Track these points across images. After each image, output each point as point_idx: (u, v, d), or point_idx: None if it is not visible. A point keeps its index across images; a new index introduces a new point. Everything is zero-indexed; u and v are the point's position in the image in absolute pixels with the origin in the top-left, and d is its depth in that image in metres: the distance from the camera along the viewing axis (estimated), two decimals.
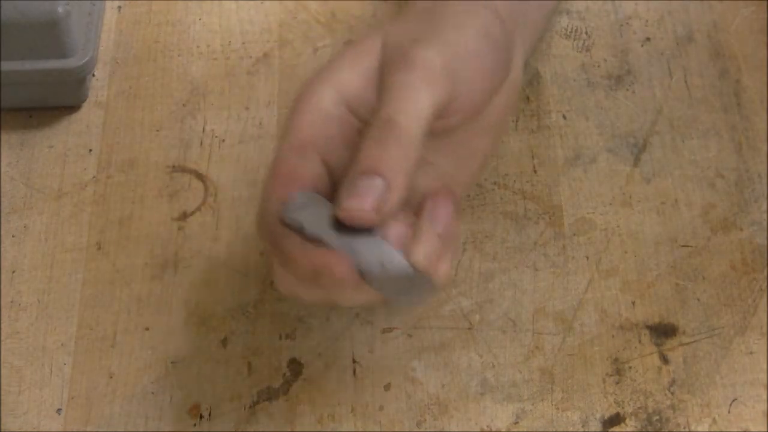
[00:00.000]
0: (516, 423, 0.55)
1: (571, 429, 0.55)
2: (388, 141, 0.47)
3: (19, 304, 0.59)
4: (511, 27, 0.54)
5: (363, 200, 0.47)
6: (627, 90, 0.66)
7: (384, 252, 0.48)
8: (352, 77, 0.50)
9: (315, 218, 0.48)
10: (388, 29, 0.52)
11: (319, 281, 0.48)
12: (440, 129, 0.50)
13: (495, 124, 0.54)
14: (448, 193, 0.51)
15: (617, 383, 0.56)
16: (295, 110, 0.50)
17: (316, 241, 0.48)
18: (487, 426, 0.55)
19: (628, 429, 0.55)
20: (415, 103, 0.48)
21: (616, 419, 0.55)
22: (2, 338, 0.58)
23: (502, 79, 0.53)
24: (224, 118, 0.65)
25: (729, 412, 0.55)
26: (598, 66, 0.67)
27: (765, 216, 0.61)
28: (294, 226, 0.48)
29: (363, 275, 0.47)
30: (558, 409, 0.56)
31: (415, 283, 0.48)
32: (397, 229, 0.48)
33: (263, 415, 0.56)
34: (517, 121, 0.64)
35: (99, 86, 0.66)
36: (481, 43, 0.51)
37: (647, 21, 0.68)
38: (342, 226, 0.48)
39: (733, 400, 0.56)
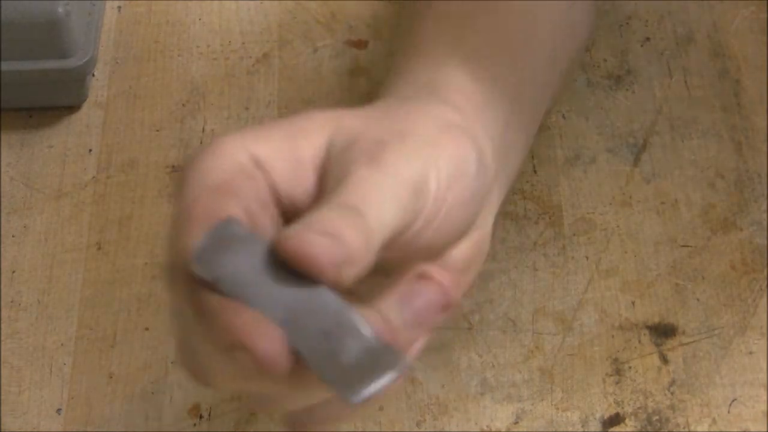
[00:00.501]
0: (516, 423, 0.55)
1: (570, 429, 0.55)
2: (354, 225, 0.38)
3: (19, 304, 0.59)
4: (492, 171, 0.46)
5: (319, 245, 0.37)
6: (627, 90, 0.66)
7: (336, 311, 0.36)
8: (277, 148, 0.41)
9: (239, 266, 0.37)
10: (343, 116, 0.43)
11: (238, 362, 0.36)
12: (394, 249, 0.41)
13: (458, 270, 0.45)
14: (439, 279, 0.39)
15: (617, 383, 0.56)
16: (201, 156, 0.41)
17: (237, 300, 0.36)
18: (487, 426, 0.55)
19: (628, 429, 0.55)
20: (381, 207, 0.39)
21: (616, 419, 0.55)
22: (2, 338, 0.58)
23: (471, 222, 0.44)
24: (224, 118, 0.65)
25: (729, 412, 0.55)
26: (598, 66, 0.67)
27: (765, 216, 0.61)
28: (206, 278, 0.37)
29: (301, 352, 0.35)
30: (558, 409, 0.56)
31: (377, 362, 0.36)
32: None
33: (263, 415, 0.56)
34: None
35: (99, 86, 0.66)
36: (457, 174, 0.43)
37: (647, 21, 0.68)
38: (277, 284, 0.36)
39: (733, 400, 0.56)
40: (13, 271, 0.60)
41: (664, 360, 0.57)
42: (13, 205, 0.62)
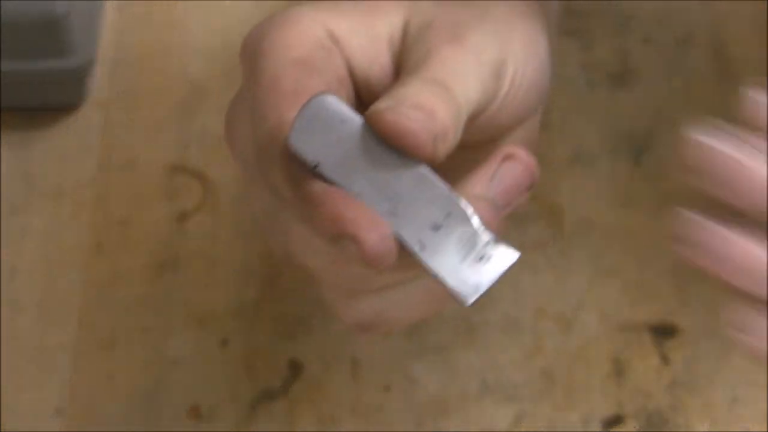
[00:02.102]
0: (516, 423, 0.55)
1: (571, 429, 0.55)
2: (444, 101, 0.37)
3: (19, 304, 0.59)
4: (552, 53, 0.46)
5: (415, 119, 0.36)
6: (627, 90, 0.66)
7: (444, 199, 0.34)
8: (354, 24, 0.41)
9: (338, 147, 0.35)
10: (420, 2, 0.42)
11: (342, 251, 0.35)
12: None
13: None
14: (526, 158, 0.39)
15: (617, 383, 0.56)
16: (279, 29, 0.40)
17: (338, 185, 0.35)
18: (487, 426, 0.55)
19: (628, 429, 0.55)
20: (466, 85, 0.39)
21: (616, 419, 0.55)
22: (2, 338, 0.58)
23: (542, 102, 0.45)
24: (224, 117, 0.65)
25: (729, 412, 0.55)
26: (598, 66, 0.67)
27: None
28: (305, 162, 0.35)
29: (409, 246, 0.34)
30: (558, 409, 0.56)
31: (488, 253, 0.35)
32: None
33: (263, 416, 0.56)
34: None
35: (99, 86, 0.66)
36: (530, 56, 0.43)
37: (647, 21, 0.68)
38: (377, 167, 0.35)
39: (733, 400, 0.56)
40: (13, 271, 0.60)
41: (665, 360, 0.57)
42: (13, 205, 0.62)
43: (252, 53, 0.41)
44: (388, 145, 0.35)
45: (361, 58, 0.41)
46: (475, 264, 0.35)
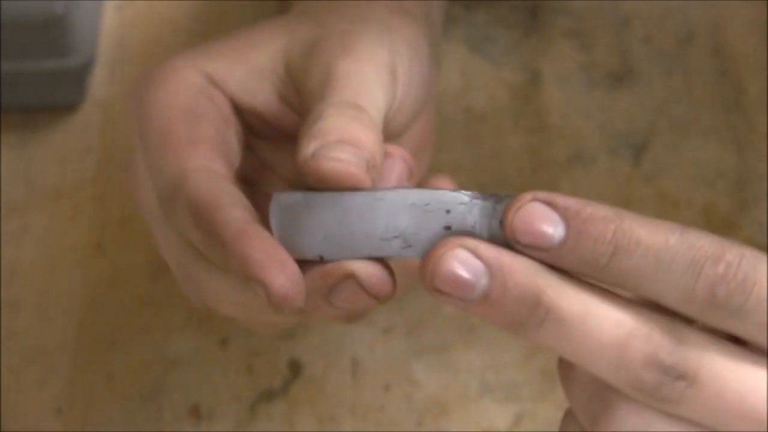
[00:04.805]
0: (516, 423, 0.55)
1: None
2: (361, 122, 0.38)
3: (19, 304, 0.59)
4: (434, 49, 0.47)
5: (347, 163, 0.37)
6: (627, 90, 0.66)
7: (443, 206, 0.36)
8: (230, 63, 0.42)
9: (321, 230, 0.37)
10: (291, 23, 0.44)
11: (252, 294, 0.36)
12: None
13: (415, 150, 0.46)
14: (397, 151, 0.42)
15: None
16: (160, 81, 0.42)
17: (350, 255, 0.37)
18: (488, 426, 0.55)
19: None
20: (373, 97, 0.40)
21: None
22: (2, 338, 0.58)
23: (425, 102, 0.46)
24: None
25: None
26: (598, 66, 0.67)
27: (765, 216, 0.61)
28: (307, 259, 0.37)
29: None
30: (558, 409, 0.55)
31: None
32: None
33: (263, 416, 0.56)
34: (517, 122, 0.64)
35: (99, 86, 0.66)
36: (413, 54, 0.44)
37: (647, 21, 0.68)
38: (360, 222, 0.36)
39: None
40: (13, 271, 0.60)
41: None
42: (13, 205, 0.62)
43: (138, 108, 0.42)
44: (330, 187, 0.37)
45: (243, 94, 0.42)
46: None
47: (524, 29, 0.68)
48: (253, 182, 0.44)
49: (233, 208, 0.37)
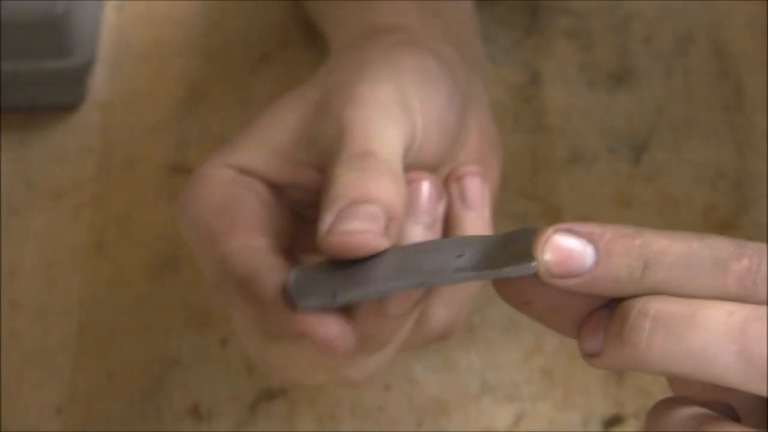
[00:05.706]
0: (516, 423, 0.55)
1: (571, 429, 0.55)
2: (372, 171, 0.39)
3: (19, 304, 0.59)
4: (460, 68, 0.47)
5: (360, 234, 0.38)
6: (627, 90, 0.66)
7: (453, 248, 0.37)
8: (255, 152, 0.43)
9: (338, 286, 0.37)
10: (304, 91, 0.45)
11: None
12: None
13: (479, 155, 0.47)
14: (418, 177, 0.42)
15: (617, 383, 0.56)
16: (191, 189, 0.43)
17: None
18: (487, 426, 0.55)
19: (628, 429, 0.55)
20: (385, 137, 0.41)
21: (616, 419, 0.55)
22: (2, 338, 0.58)
23: (461, 120, 0.46)
24: (224, 117, 0.65)
25: None
26: (598, 66, 0.67)
27: (765, 216, 0.61)
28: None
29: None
30: (558, 409, 0.56)
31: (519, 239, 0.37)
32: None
33: (263, 416, 0.56)
34: (517, 122, 0.64)
35: (99, 86, 0.66)
36: (426, 81, 0.44)
37: (647, 21, 0.69)
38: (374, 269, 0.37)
39: None
40: (13, 271, 0.60)
41: None
42: (13, 205, 0.62)
43: (182, 220, 0.43)
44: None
45: (276, 173, 0.43)
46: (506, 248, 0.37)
47: (524, 29, 0.68)
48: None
49: (270, 274, 0.39)
